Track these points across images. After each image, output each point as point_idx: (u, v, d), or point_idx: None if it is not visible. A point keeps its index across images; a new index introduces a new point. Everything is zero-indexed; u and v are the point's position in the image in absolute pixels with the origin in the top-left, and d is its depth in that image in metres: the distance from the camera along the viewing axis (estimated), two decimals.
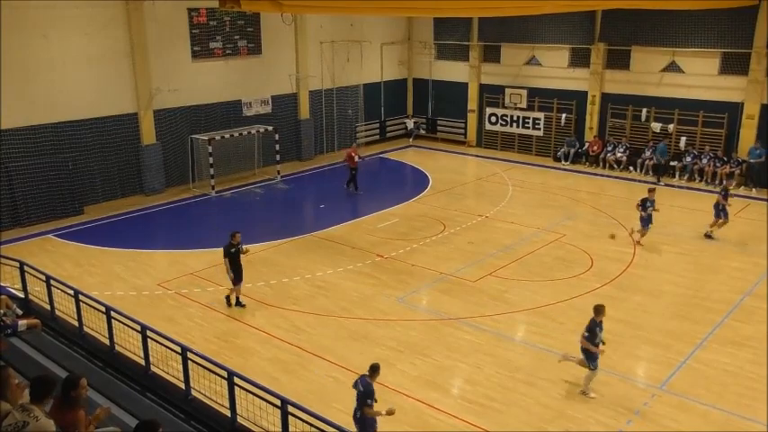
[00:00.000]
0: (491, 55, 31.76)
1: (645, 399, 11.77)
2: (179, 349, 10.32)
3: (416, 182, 26.56)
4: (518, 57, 30.77)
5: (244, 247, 15.13)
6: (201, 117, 25.90)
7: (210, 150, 24.35)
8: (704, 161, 25.83)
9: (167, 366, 10.98)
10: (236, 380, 9.54)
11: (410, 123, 34.65)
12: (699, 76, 26.13)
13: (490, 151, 31.67)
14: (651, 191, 19.18)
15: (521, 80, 30.80)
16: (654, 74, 27.09)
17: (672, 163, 26.45)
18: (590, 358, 11.66)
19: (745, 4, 23.22)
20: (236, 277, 15.02)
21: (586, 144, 28.91)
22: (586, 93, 28.92)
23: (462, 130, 33.28)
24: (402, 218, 21.89)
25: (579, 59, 28.99)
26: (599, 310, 11.66)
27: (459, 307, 15.35)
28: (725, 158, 25.48)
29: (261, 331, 14.31)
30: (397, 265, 17.86)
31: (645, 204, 18.78)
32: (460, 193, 25.35)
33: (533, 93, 30.39)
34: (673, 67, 26.73)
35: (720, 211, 19.46)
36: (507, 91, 31.14)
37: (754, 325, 14.43)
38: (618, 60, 28.13)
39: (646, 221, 18.90)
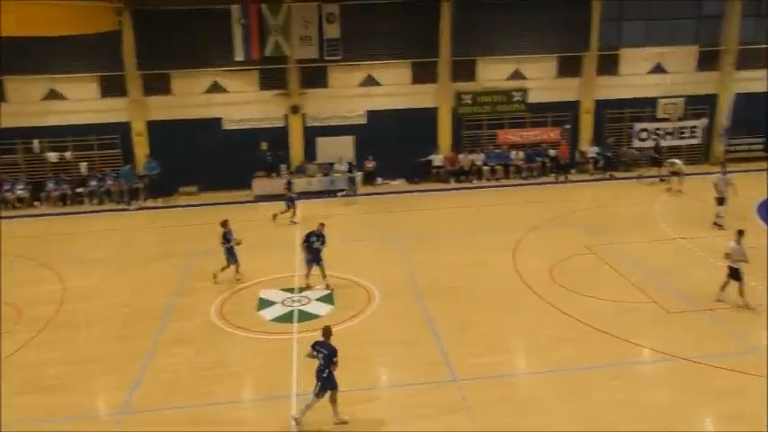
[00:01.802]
0: None
1: (111, 427, 11.39)
2: None
3: None
4: None
5: None
6: None
7: None
8: (109, 182, 26.23)
9: None
10: None
11: None
12: (83, 101, 26.26)
13: None
14: (224, 223, 17.58)
15: None
16: (36, 103, 26.01)
17: (78, 189, 26.11)
18: (325, 385, 11.05)
19: (109, 29, 24.12)
20: None
21: None
22: None
23: None
24: None
25: None
26: (329, 331, 11.42)
27: None
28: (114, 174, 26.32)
29: None
30: None
31: (227, 238, 17.32)
32: None
33: None
34: (54, 95, 26.15)
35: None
36: None
37: (189, 319, 15.49)
38: None
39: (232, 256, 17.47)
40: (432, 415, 11.48)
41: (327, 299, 16.40)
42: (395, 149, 26.44)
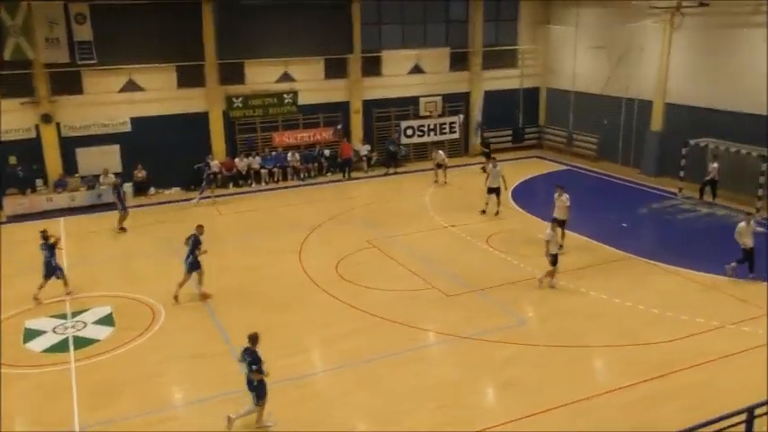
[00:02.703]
0: None
1: None
2: None
3: None
4: None
5: None
6: None
7: None
8: None
9: None
10: None
11: None
12: None
13: None
14: (44, 232, 16.82)
15: None
16: None
17: None
18: (261, 393, 11.00)
19: None
20: None
21: None
22: None
23: None
24: None
25: None
26: (255, 337, 11.12)
27: None
28: None
29: None
30: None
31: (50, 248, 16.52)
32: None
33: None
34: None
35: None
36: None
37: None
38: None
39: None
40: (233, 426, 11.14)
41: (107, 321, 15.17)
42: (166, 157, 25.16)
